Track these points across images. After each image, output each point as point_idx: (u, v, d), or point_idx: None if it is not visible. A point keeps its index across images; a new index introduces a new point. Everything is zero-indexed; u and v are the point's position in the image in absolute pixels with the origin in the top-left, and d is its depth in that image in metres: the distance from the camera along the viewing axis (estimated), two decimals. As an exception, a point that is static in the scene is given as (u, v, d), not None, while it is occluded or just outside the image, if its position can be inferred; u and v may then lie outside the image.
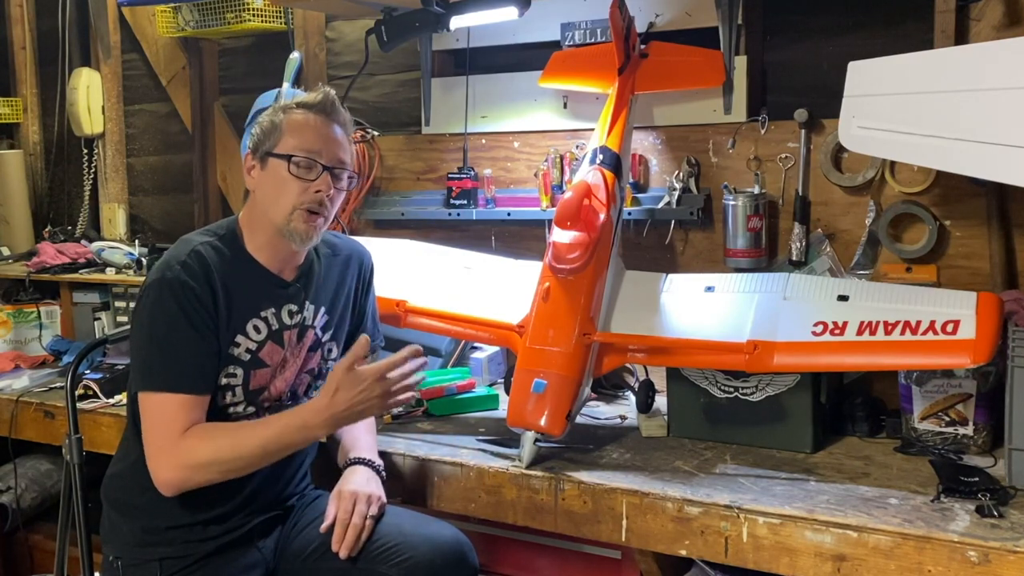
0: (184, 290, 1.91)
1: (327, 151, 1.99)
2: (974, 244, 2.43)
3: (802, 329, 2.11)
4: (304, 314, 2.08)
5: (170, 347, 1.91)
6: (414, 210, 3.14)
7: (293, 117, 2.00)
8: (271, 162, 1.98)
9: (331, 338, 2.14)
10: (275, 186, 1.98)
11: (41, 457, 3.38)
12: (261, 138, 2.00)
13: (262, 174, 2.00)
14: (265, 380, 2.03)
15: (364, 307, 2.25)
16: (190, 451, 1.88)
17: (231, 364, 1.98)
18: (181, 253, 1.95)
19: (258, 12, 3.33)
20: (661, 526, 1.96)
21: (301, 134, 1.98)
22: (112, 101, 3.97)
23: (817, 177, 2.59)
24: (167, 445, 1.89)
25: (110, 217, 4.01)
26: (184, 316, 1.90)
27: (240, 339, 1.98)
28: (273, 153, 1.98)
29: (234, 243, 2.02)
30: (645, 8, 2.78)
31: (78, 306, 3.52)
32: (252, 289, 2.01)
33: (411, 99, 3.28)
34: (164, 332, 1.91)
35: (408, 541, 1.96)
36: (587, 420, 2.45)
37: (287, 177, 1.97)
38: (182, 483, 1.91)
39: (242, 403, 2.01)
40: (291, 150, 1.97)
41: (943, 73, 2.06)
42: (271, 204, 1.98)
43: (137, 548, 1.99)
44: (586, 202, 2.24)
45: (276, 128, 1.99)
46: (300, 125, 1.99)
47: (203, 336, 1.92)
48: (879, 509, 1.85)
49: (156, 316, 1.93)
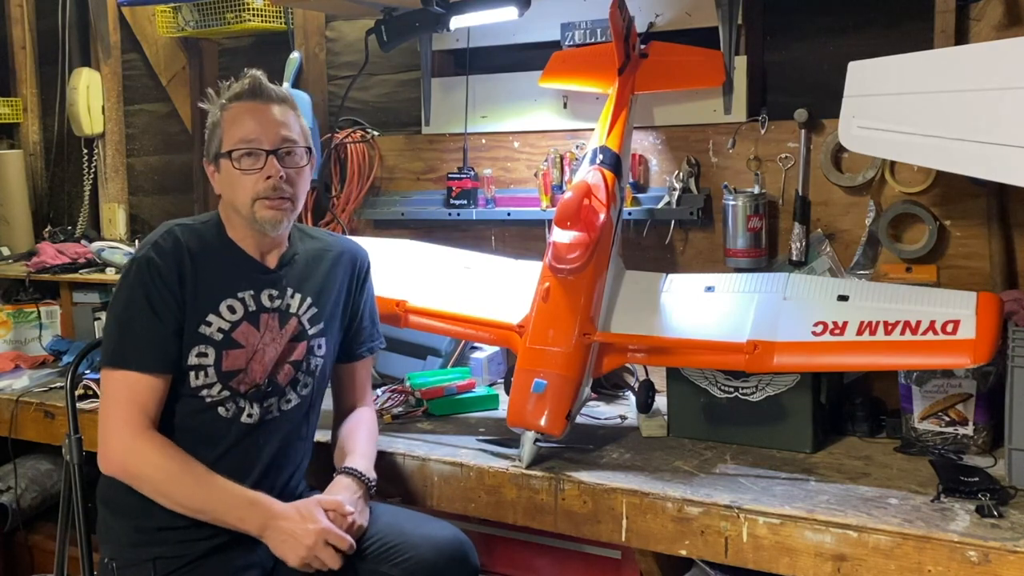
0: (149, 268, 1.94)
1: (267, 135, 1.99)
2: (974, 244, 2.43)
3: (802, 329, 2.11)
4: (287, 300, 2.07)
5: (127, 325, 1.95)
6: (414, 210, 3.14)
7: (228, 112, 2.02)
8: (222, 163, 2.01)
9: (319, 332, 2.12)
10: (231, 185, 2.00)
11: (41, 457, 3.38)
12: (208, 143, 2.04)
13: (219, 176, 2.03)
14: (240, 363, 2.01)
15: (359, 306, 2.23)
16: (142, 453, 1.91)
17: (202, 343, 1.98)
18: (155, 235, 2.01)
19: (258, 12, 3.33)
20: (661, 526, 1.96)
21: (236, 126, 1.99)
22: (112, 101, 3.96)
23: (817, 177, 2.59)
24: (120, 426, 1.92)
25: (110, 217, 4.01)
26: (144, 295, 1.93)
27: (212, 318, 1.99)
28: (220, 154, 2.00)
29: (217, 229, 2.06)
30: (645, 8, 2.77)
31: (78, 306, 3.52)
32: (229, 271, 2.02)
33: (411, 99, 3.28)
34: (125, 311, 1.96)
35: (409, 541, 1.96)
36: (587, 420, 2.45)
37: (236, 173, 1.98)
38: (119, 475, 1.94)
39: (215, 385, 1.99)
40: (232, 145, 1.99)
41: (943, 73, 2.06)
42: (234, 202, 2.02)
43: (130, 548, 1.98)
44: (586, 202, 2.24)
45: (217, 127, 2.02)
46: (233, 118, 2.00)
47: (159, 316, 1.94)
48: (879, 509, 1.85)
49: (120, 294, 1.98)
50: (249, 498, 1.93)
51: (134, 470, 1.92)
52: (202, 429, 2.00)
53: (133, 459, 1.92)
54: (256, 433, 2.04)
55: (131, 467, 1.92)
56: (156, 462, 1.91)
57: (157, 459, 1.91)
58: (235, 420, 2.01)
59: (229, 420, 2.01)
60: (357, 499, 2.01)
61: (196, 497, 1.91)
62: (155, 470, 1.91)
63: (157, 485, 1.92)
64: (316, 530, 1.89)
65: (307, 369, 2.11)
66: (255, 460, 2.03)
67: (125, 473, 1.93)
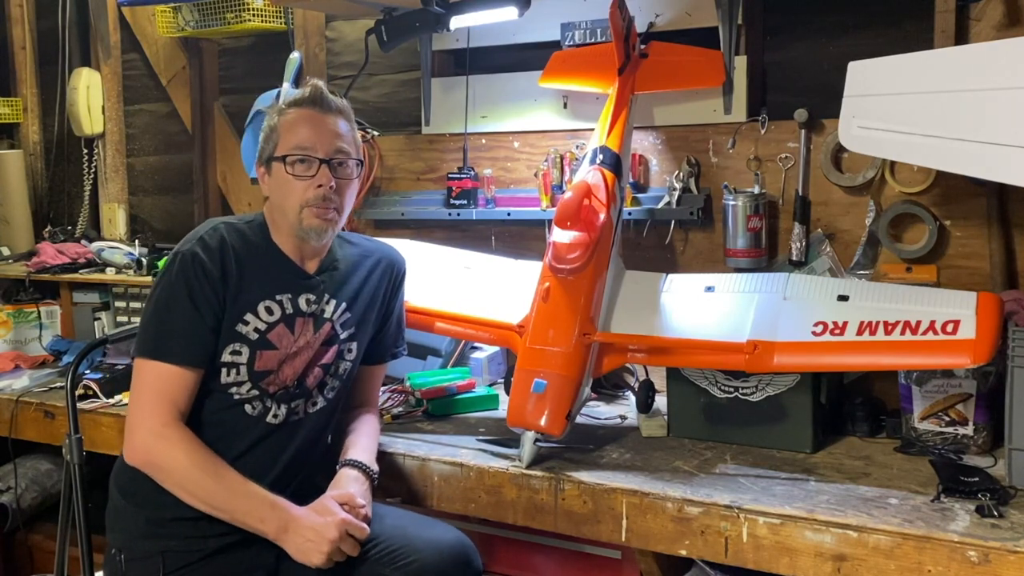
0: (193, 263, 1.95)
1: (322, 144, 2.01)
2: (974, 244, 2.43)
3: (802, 329, 2.10)
4: (323, 306, 2.08)
5: (166, 317, 1.96)
6: (414, 210, 3.14)
7: (286, 117, 2.04)
8: (274, 167, 2.04)
9: (350, 337, 2.14)
10: (281, 189, 2.02)
11: (41, 457, 3.38)
12: (263, 145, 2.06)
13: (270, 180, 2.05)
14: (272, 363, 2.03)
15: (391, 311, 2.26)
16: (169, 448, 1.91)
17: (237, 341, 1.99)
18: (202, 230, 2.02)
19: (258, 12, 3.33)
20: (661, 526, 1.96)
21: (294, 132, 2.01)
22: (112, 101, 3.97)
23: (817, 177, 2.58)
24: (149, 417, 1.92)
25: (110, 217, 4.01)
26: (186, 288, 1.94)
27: (249, 318, 2.00)
28: (274, 157, 2.02)
29: (261, 231, 2.07)
30: (645, 8, 2.77)
31: (78, 306, 3.52)
32: (270, 273, 2.04)
33: (411, 99, 3.28)
34: (164, 302, 1.97)
35: (412, 544, 1.97)
36: (587, 420, 2.45)
37: (288, 178, 2.00)
38: (144, 465, 1.94)
39: (245, 383, 2.01)
40: (287, 150, 2.00)
41: (943, 73, 2.06)
42: (282, 206, 2.03)
43: (141, 539, 1.99)
44: (586, 202, 2.24)
45: (273, 132, 2.04)
46: (292, 123, 2.02)
47: (200, 310, 1.95)
48: (879, 509, 1.85)
49: (162, 286, 1.98)
50: (270, 501, 1.93)
51: (158, 462, 1.93)
52: (227, 425, 2.01)
53: (158, 451, 1.92)
54: (279, 433, 2.05)
55: (155, 459, 1.93)
56: (180, 456, 1.91)
57: (182, 454, 1.91)
58: (260, 419, 2.03)
59: (255, 419, 2.02)
60: (364, 491, 2.03)
61: (217, 496, 1.92)
62: (179, 464, 1.91)
63: (179, 480, 1.92)
64: (336, 522, 1.90)
65: (335, 372, 2.13)
66: (276, 460, 2.04)
67: (149, 464, 1.93)
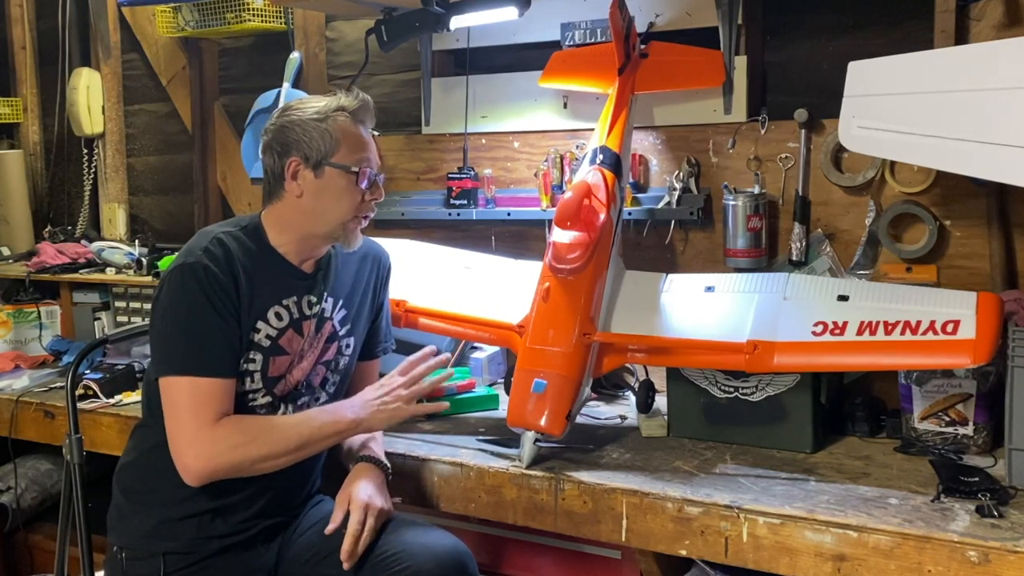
0: (207, 275, 1.92)
1: (375, 160, 2.05)
2: (974, 244, 2.43)
3: (802, 329, 2.10)
4: (323, 305, 2.09)
5: (195, 331, 1.92)
6: (414, 210, 3.14)
7: (344, 126, 2.00)
8: (328, 171, 1.99)
9: (348, 332, 2.16)
10: (333, 195, 2.00)
11: (41, 457, 3.38)
12: (312, 144, 1.98)
13: (316, 182, 1.99)
14: (283, 368, 2.04)
15: (381, 307, 2.27)
16: (221, 440, 1.90)
17: (251, 350, 2.00)
18: (203, 241, 1.98)
19: (258, 12, 3.33)
20: (661, 526, 1.96)
21: (358, 144, 2.01)
22: (112, 101, 3.97)
23: (817, 177, 2.58)
24: (195, 432, 1.89)
25: (110, 217, 4.01)
26: (207, 300, 1.92)
27: (261, 325, 2.00)
28: (331, 163, 1.98)
29: (257, 236, 2.04)
30: (645, 8, 2.77)
31: (78, 306, 3.52)
32: (274, 278, 2.03)
33: (411, 99, 3.28)
34: (188, 316, 1.92)
35: (408, 550, 1.96)
36: (587, 420, 2.45)
37: (349, 189, 2.00)
38: (211, 473, 1.91)
39: (260, 390, 2.02)
40: (355, 163, 2.00)
41: (943, 73, 2.06)
42: (325, 211, 2.01)
43: (144, 539, 1.99)
44: (586, 202, 2.24)
45: (329, 135, 1.98)
46: (355, 136, 2.01)
47: (226, 320, 1.94)
48: (879, 509, 1.85)
49: (179, 301, 1.93)
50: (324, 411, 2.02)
51: (224, 467, 1.91)
52: None
53: (217, 458, 1.90)
54: None
55: (220, 467, 1.91)
56: (236, 442, 1.91)
57: (236, 439, 1.91)
58: None
59: None
60: (379, 485, 2.04)
61: (290, 440, 1.94)
62: (240, 449, 1.91)
63: (252, 460, 1.92)
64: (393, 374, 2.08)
65: (336, 368, 2.15)
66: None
67: (219, 471, 1.92)
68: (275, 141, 2.02)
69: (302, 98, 2.12)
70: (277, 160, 2.01)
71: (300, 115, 2.00)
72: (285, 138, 2.00)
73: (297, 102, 2.07)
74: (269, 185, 2.06)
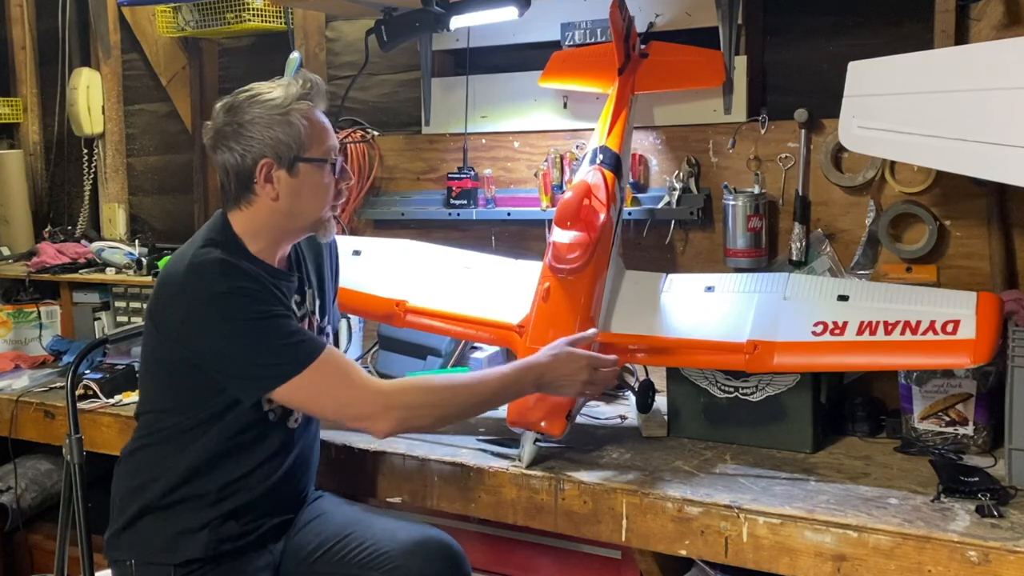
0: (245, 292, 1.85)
1: (336, 143, 1.99)
2: (974, 244, 2.43)
3: (802, 329, 2.11)
4: (306, 299, 2.08)
5: (277, 332, 1.86)
6: (414, 210, 3.14)
7: (307, 115, 1.90)
8: (303, 168, 1.90)
9: (328, 321, 2.15)
10: (311, 192, 1.93)
11: (41, 457, 3.38)
12: (280, 143, 1.87)
13: (292, 181, 1.90)
14: None
15: (336, 286, 2.26)
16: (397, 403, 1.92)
17: None
18: (214, 269, 1.86)
19: (258, 12, 3.33)
20: (661, 526, 1.96)
21: (325, 133, 1.94)
22: (112, 101, 3.97)
23: (817, 177, 2.58)
24: (358, 399, 1.90)
25: (110, 217, 4.01)
26: (265, 309, 1.86)
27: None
28: (305, 159, 1.90)
29: (237, 249, 1.93)
30: (645, 8, 2.77)
31: (78, 306, 3.52)
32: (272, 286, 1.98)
33: (411, 99, 3.28)
34: (261, 328, 1.85)
35: (400, 548, 1.96)
36: (587, 420, 2.45)
37: (326, 181, 1.95)
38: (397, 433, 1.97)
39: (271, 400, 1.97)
40: (325, 154, 1.93)
41: (943, 73, 2.06)
42: (304, 208, 1.94)
43: (161, 552, 1.95)
44: (586, 202, 2.25)
45: (296, 129, 1.88)
46: (319, 124, 1.93)
47: (288, 314, 1.92)
48: (879, 509, 1.85)
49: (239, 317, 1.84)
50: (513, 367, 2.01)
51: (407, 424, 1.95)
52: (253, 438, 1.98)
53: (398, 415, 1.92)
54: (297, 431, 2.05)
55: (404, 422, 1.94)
56: (416, 402, 1.94)
57: (413, 399, 1.94)
58: (281, 424, 2.01)
59: (275, 424, 2.00)
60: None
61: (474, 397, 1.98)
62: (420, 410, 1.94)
63: (436, 417, 1.98)
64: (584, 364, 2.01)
65: None
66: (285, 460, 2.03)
67: (402, 429, 1.97)
68: (234, 143, 1.88)
69: (247, 91, 1.93)
70: (241, 162, 1.88)
71: (258, 111, 1.87)
72: (248, 139, 1.87)
73: (244, 96, 1.91)
74: (233, 190, 1.92)
